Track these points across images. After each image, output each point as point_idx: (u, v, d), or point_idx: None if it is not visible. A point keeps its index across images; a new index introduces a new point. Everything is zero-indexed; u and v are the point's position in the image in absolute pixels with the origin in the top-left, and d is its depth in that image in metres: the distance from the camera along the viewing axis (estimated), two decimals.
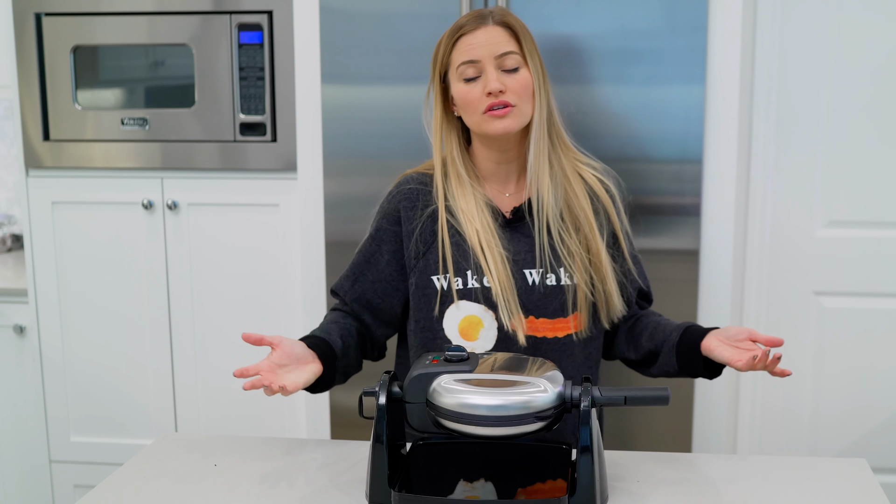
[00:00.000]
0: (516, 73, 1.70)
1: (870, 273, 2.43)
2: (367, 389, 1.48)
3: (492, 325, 1.72)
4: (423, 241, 1.76)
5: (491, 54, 1.69)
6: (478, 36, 1.70)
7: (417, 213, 1.77)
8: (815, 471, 1.58)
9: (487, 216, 1.74)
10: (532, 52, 1.72)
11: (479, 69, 1.69)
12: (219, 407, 2.68)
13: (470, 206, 1.74)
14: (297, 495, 1.50)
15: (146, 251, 2.64)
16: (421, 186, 1.80)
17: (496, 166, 1.78)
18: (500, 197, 1.79)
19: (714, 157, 2.31)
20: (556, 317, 1.73)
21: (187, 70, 2.55)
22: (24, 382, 2.81)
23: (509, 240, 1.75)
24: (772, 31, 2.37)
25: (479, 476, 1.54)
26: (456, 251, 1.74)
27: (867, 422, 2.48)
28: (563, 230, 1.73)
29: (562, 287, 1.73)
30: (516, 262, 1.73)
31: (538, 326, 1.73)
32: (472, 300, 1.72)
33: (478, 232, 1.72)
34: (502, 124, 1.69)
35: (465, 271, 1.73)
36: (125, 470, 1.61)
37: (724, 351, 1.63)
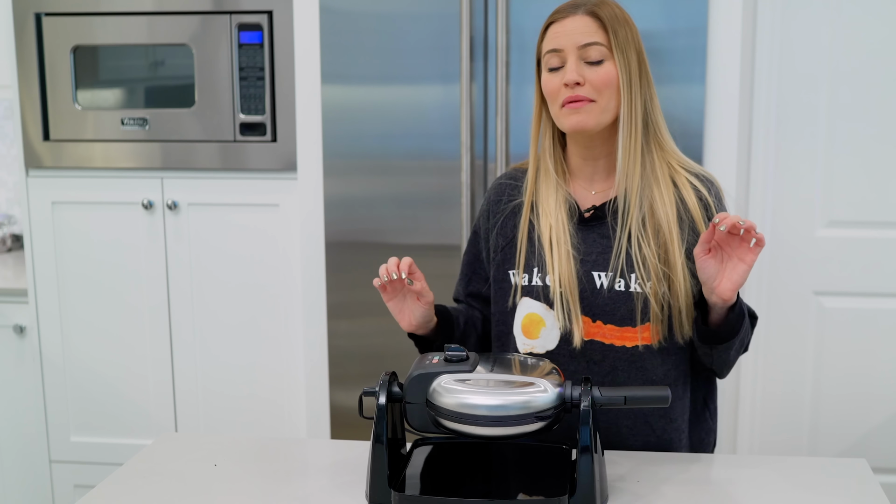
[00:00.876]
0: (599, 65, 1.62)
1: (870, 273, 2.43)
2: (367, 389, 1.48)
3: (553, 325, 1.65)
4: (503, 235, 1.73)
5: (574, 44, 1.61)
6: (565, 25, 1.63)
7: (502, 207, 1.74)
8: (815, 471, 1.58)
9: (563, 213, 1.68)
10: (625, 45, 1.62)
11: (562, 59, 1.62)
12: (219, 407, 2.68)
13: (549, 201, 1.69)
14: (297, 495, 1.50)
15: (146, 251, 2.64)
16: (511, 181, 1.77)
17: (583, 162, 1.71)
18: (585, 194, 1.72)
19: (714, 157, 2.30)
20: (624, 325, 1.64)
21: (187, 70, 2.55)
22: (24, 382, 2.81)
23: (583, 239, 1.68)
24: (772, 31, 2.37)
25: (479, 476, 1.54)
26: (530, 247, 1.70)
27: (867, 422, 2.48)
28: (641, 236, 1.63)
29: (630, 294, 1.63)
30: (585, 262, 1.66)
31: (605, 332, 1.65)
32: (535, 297, 1.67)
33: (551, 227, 1.66)
34: (575, 119, 1.61)
35: (533, 268, 1.68)
36: (125, 470, 1.60)
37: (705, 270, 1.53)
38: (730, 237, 1.51)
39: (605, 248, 1.66)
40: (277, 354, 2.63)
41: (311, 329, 2.51)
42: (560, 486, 1.44)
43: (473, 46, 2.33)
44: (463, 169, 2.34)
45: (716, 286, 1.53)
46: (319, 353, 2.52)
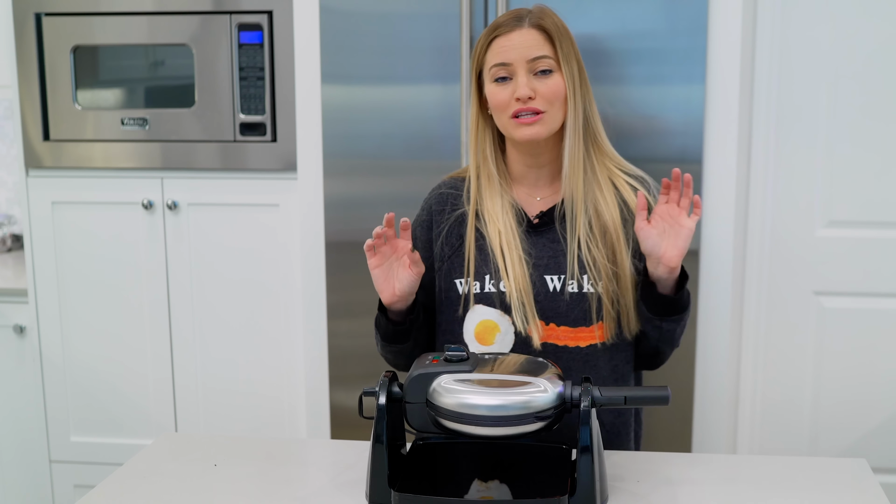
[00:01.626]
0: (548, 77, 1.67)
1: (870, 273, 2.43)
2: (367, 389, 1.48)
3: (508, 330, 1.70)
4: (448, 245, 1.76)
5: (523, 58, 1.66)
6: (512, 38, 1.67)
7: (445, 217, 1.77)
8: (815, 471, 1.58)
9: (511, 218, 1.72)
10: (568, 56, 1.68)
11: (511, 72, 1.67)
12: (219, 407, 2.68)
13: (496, 208, 1.72)
14: (297, 495, 1.50)
15: (146, 251, 2.64)
16: (452, 190, 1.80)
17: (527, 169, 1.75)
18: (530, 201, 1.76)
19: (714, 157, 2.31)
20: (578, 325, 1.70)
21: (187, 70, 2.55)
22: (24, 382, 2.81)
23: (533, 244, 1.72)
24: (772, 31, 2.37)
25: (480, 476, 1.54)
26: (479, 255, 1.72)
27: (867, 422, 2.48)
28: (590, 238, 1.69)
29: (584, 295, 1.69)
30: (538, 266, 1.70)
31: (559, 334, 1.70)
32: (489, 304, 1.70)
33: (500, 233, 1.70)
34: (529, 131, 1.67)
35: (484, 275, 1.71)
36: (125, 470, 1.61)
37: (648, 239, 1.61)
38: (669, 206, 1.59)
39: (556, 252, 1.71)
40: (277, 354, 2.63)
41: (311, 329, 2.51)
42: (560, 486, 1.44)
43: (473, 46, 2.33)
44: None
45: (661, 254, 1.59)
46: (319, 353, 2.52)
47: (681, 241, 1.59)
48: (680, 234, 1.59)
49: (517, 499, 1.47)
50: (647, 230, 1.59)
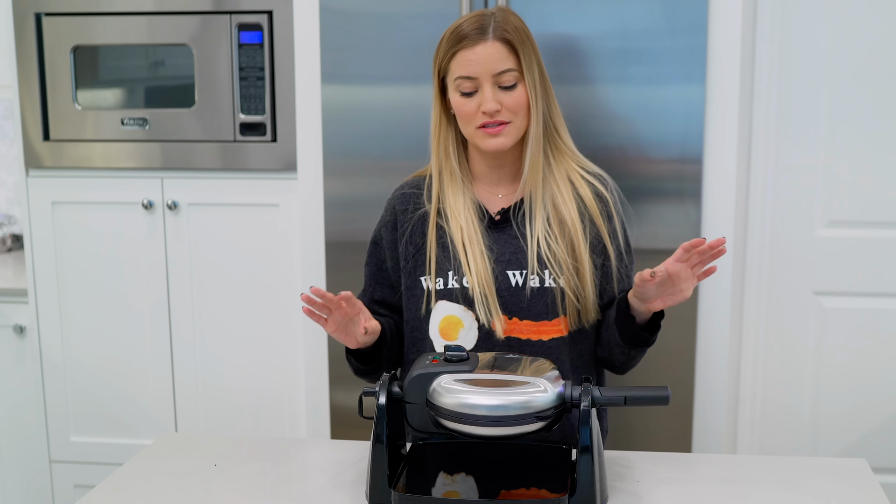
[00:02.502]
0: (513, 90, 1.70)
1: (870, 273, 2.43)
2: (366, 389, 1.48)
3: (472, 326, 1.72)
4: (412, 243, 1.78)
5: (488, 72, 1.68)
6: (477, 52, 1.69)
7: (409, 216, 1.80)
8: (815, 471, 1.58)
9: (473, 214, 1.75)
10: (530, 65, 1.70)
11: (476, 85, 1.70)
12: (219, 407, 2.68)
13: (458, 204, 1.75)
14: (297, 495, 1.50)
15: (146, 251, 2.64)
16: (414, 190, 1.82)
17: (489, 169, 1.79)
18: (491, 198, 1.79)
19: (714, 157, 2.31)
20: (541, 319, 1.72)
21: (187, 70, 2.55)
22: (24, 382, 2.81)
23: (495, 240, 1.75)
24: (772, 31, 2.37)
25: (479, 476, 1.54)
26: (441, 251, 1.75)
27: (867, 422, 2.48)
28: (549, 233, 1.73)
29: (546, 289, 1.72)
30: (500, 262, 1.73)
31: (521, 328, 1.72)
32: (452, 300, 1.73)
33: (462, 229, 1.73)
34: (496, 142, 1.70)
35: (447, 272, 1.74)
36: (125, 470, 1.61)
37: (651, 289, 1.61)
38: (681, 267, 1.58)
39: (517, 248, 1.74)
40: (278, 354, 2.63)
41: (311, 329, 2.51)
42: (560, 486, 1.44)
43: None
44: None
45: (650, 304, 1.63)
46: (319, 353, 2.52)
47: (671, 301, 1.61)
48: (675, 295, 1.61)
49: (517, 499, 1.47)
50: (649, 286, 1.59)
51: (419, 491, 1.47)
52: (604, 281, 1.77)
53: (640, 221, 2.32)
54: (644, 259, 2.34)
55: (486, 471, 1.55)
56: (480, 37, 1.69)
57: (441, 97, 1.77)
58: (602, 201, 1.77)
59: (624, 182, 2.20)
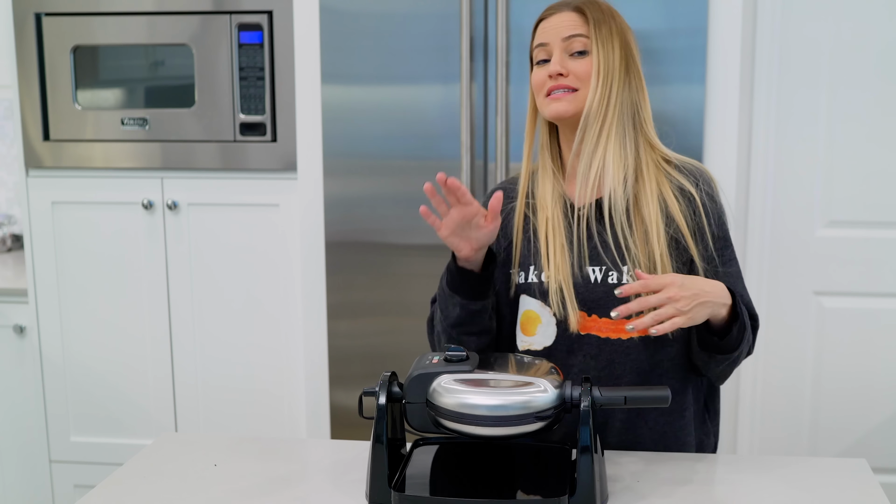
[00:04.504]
0: (583, 57, 1.67)
1: (870, 273, 2.43)
2: (367, 389, 1.48)
3: (549, 321, 1.68)
4: (504, 237, 1.75)
5: (558, 37, 1.67)
6: (552, 21, 1.70)
7: (503, 210, 1.74)
8: (815, 471, 1.58)
9: (559, 208, 1.71)
10: (607, 38, 1.66)
11: (549, 52, 1.68)
12: (219, 407, 2.68)
13: (546, 196, 1.72)
14: (297, 495, 1.50)
15: (146, 251, 2.64)
16: (508, 185, 1.80)
17: (576, 159, 1.72)
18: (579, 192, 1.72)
19: (714, 157, 2.30)
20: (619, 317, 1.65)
21: (187, 70, 2.55)
22: (24, 382, 2.81)
23: (578, 235, 1.70)
24: (772, 31, 2.37)
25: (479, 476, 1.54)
26: (526, 245, 1.72)
27: (867, 422, 2.48)
28: (627, 229, 1.66)
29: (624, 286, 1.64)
30: (581, 257, 1.68)
31: (600, 326, 1.67)
32: (531, 295, 1.69)
33: (547, 220, 1.69)
34: (554, 106, 1.66)
35: (529, 265, 1.71)
36: (125, 470, 1.61)
37: None
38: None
39: (598, 244, 1.68)
40: (278, 354, 2.63)
41: (311, 329, 2.51)
42: (560, 486, 1.44)
43: (473, 46, 2.33)
44: (463, 169, 2.34)
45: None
46: (319, 353, 2.52)
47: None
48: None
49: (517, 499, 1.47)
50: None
51: (419, 491, 1.47)
52: None
53: None
54: None
55: (486, 471, 1.54)
56: (560, 8, 1.71)
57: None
58: (685, 197, 1.69)
59: None
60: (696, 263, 1.69)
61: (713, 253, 1.70)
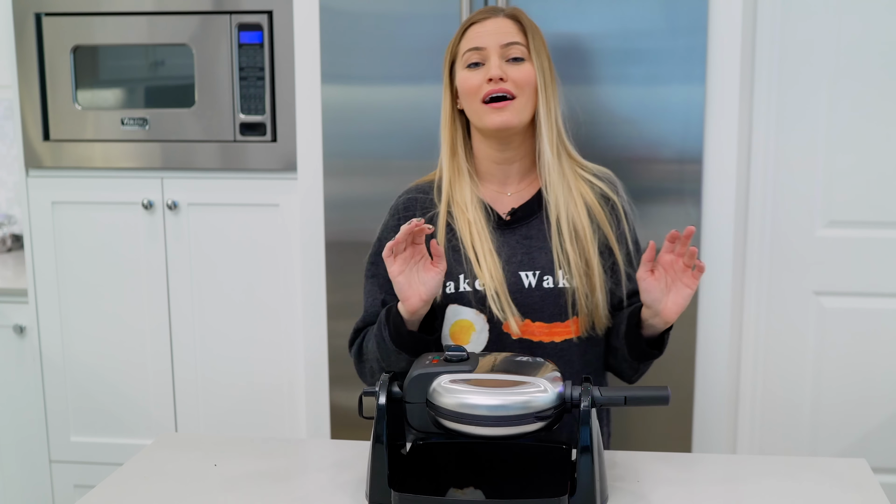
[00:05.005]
0: (520, 64, 1.69)
1: (870, 273, 2.43)
2: (367, 389, 1.48)
3: (483, 329, 1.70)
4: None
5: (497, 42, 1.69)
6: (486, 25, 1.71)
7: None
8: (815, 471, 1.58)
9: (480, 213, 1.72)
10: (539, 50, 1.71)
11: (484, 56, 1.69)
12: (219, 407, 2.68)
13: (465, 200, 1.73)
14: (297, 495, 1.50)
15: (146, 251, 2.64)
16: (420, 195, 1.80)
17: (496, 166, 1.76)
18: (500, 198, 1.77)
19: (714, 157, 2.31)
20: (553, 321, 1.71)
21: (187, 70, 2.55)
22: (24, 382, 2.81)
23: (505, 241, 1.73)
24: (772, 30, 2.37)
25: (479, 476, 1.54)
26: (452, 254, 1.72)
27: (867, 422, 2.48)
28: (562, 234, 1.71)
29: (560, 290, 1.70)
30: (511, 262, 1.71)
31: (534, 330, 1.71)
32: (464, 304, 1.71)
33: (470, 224, 1.71)
34: (500, 117, 1.67)
35: (458, 275, 1.71)
36: (125, 470, 1.61)
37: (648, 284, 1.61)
38: (674, 261, 1.59)
39: (530, 248, 1.72)
40: (277, 354, 2.63)
41: (311, 329, 2.51)
42: (560, 486, 1.44)
43: None
44: None
45: (662, 308, 1.61)
46: (319, 353, 2.52)
47: (681, 298, 1.60)
48: (682, 292, 1.60)
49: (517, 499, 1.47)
50: (650, 282, 1.60)
51: (419, 491, 1.47)
52: (612, 284, 1.76)
53: (640, 221, 2.32)
54: None
55: (486, 471, 1.55)
56: (492, 14, 1.73)
57: (450, 91, 1.76)
58: (608, 204, 1.76)
59: (624, 182, 2.19)
60: (619, 267, 1.76)
61: (632, 257, 1.78)
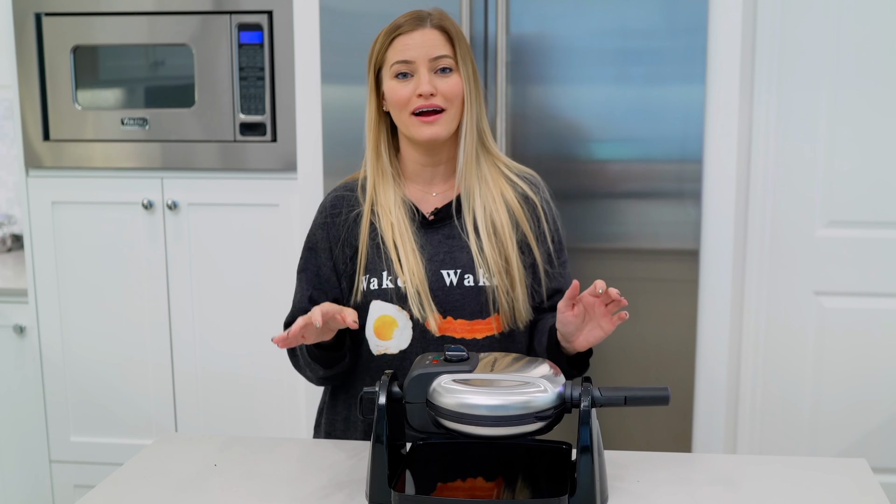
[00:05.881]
0: (448, 76, 1.72)
1: (870, 273, 2.43)
2: (367, 389, 1.48)
3: (406, 325, 1.73)
4: (349, 246, 1.78)
5: (425, 56, 1.71)
6: (414, 37, 1.72)
7: (342, 219, 1.80)
8: (815, 471, 1.58)
9: (403, 214, 1.76)
10: (465, 58, 1.74)
11: (413, 69, 1.72)
12: (219, 407, 2.68)
13: (388, 201, 1.76)
14: (297, 495, 1.50)
15: (146, 251, 2.64)
16: (347, 193, 1.83)
17: (422, 168, 1.80)
18: (425, 198, 1.80)
19: (714, 157, 2.31)
20: (475, 318, 1.73)
21: (187, 70, 2.55)
22: (24, 382, 2.81)
23: (429, 240, 1.76)
24: (772, 30, 2.37)
25: (479, 476, 1.54)
26: (374, 251, 1.76)
27: (867, 422, 2.48)
28: (482, 233, 1.74)
29: (480, 288, 1.73)
30: (434, 261, 1.74)
31: (455, 327, 1.73)
32: (387, 300, 1.73)
33: (392, 226, 1.74)
34: (430, 130, 1.71)
35: (381, 271, 1.74)
36: (125, 470, 1.61)
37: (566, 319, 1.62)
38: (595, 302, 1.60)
39: (452, 248, 1.76)
40: (277, 354, 2.63)
41: None
42: (560, 486, 1.44)
43: (473, 46, 2.33)
44: None
45: (573, 341, 1.64)
46: None
47: (593, 338, 1.63)
48: (594, 332, 1.62)
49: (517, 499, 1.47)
50: (568, 316, 1.61)
51: (419, 491, 1.47)
52: (534, 282, 1.79)
53: (640, 221, 2.32)
54: (644, 259, 2.35)
55: (486, 471, 1.55)
56: (419, 24, 1.74)
57: (375, 94, 1.79)
58: (529, 204, 1.79)
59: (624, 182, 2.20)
60: (538, 265, 1.78)
61: (552, 256, 1.80)
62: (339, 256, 1.78)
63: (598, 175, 2.31)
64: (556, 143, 2.32)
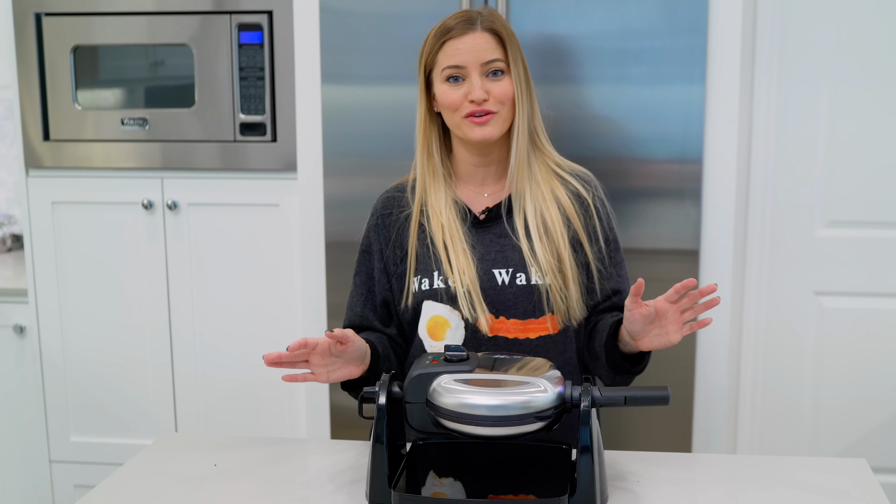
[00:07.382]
0: (500, 80, 1.71)
1: (870, 273, 2.43)
2: (367, 390, 1.48)
3: (458, 325, 1.72)
4: (399, 247, 1.78)
5: (477, 61, 1.70)
6: (465, 41, 1.71)
7: (393, 220, 1.80)
8: (815, 471, 1.58)
9: (454, 214, 1.76)
10: (516, 58, 1.73)
11: (464, 73, 1.71)
12: (219, 406, 2.68)
13: (439, 202, 1.76)
14: (297, 495, 1.50)
15: (146, 251, 2.64)
16: (398, 194, 1.83)
17: (474, 168, 1.79)
18: (477, 198, 1.80)
19: (714, 156, 2.31)
20: (528, 318, 1.73)
21: (187, 70, 2.55)
22: (24, 382, 2.81)
23: (479, 240, 1.75)
24: (772, 30, 2.37)
25: (479, 476, 1.54)
26: (424, 252, 1.75)
27: (867, 422, 2.48)
28: (533, 232, 1.73)
29: (533, 287, 1.72)
30: (485, 260, 1.74)
31: (508, 327, 1.73)
32: (438, 300, 1.73)
33: (443, 227, 1.74)
34: (482, 132, 1.71)
35: (432, 272, 1.74)
36: (125, 470, 1.61)
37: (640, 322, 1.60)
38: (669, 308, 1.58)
39: (503, 247, 1.75)
40: None
41: (310, 329, 2.51)
42: (560, 486, 1.44)
43: None
44: None
45: (639, 340, 1.62)
46: None
47: (656, 342, 1.60)
48: (660, 337, 1.60)
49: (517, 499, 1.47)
50: (635, 313, 1.58)
51: (419, 491, 1.47)
52: (589, 281, 1.78)
53: (640, 222, 2.32)
54: (644, 259, 2.35)
55: (486, 471, 1.55)
56: (469, 27, 1.72)
57: (426, 95, 1.78)
58: (581, 202, 1.78)
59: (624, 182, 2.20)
60: (591, 265, 1.77)
61: (605, 255, 1.79)
62: (389, 258, 1.79)
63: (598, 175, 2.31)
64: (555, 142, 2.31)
